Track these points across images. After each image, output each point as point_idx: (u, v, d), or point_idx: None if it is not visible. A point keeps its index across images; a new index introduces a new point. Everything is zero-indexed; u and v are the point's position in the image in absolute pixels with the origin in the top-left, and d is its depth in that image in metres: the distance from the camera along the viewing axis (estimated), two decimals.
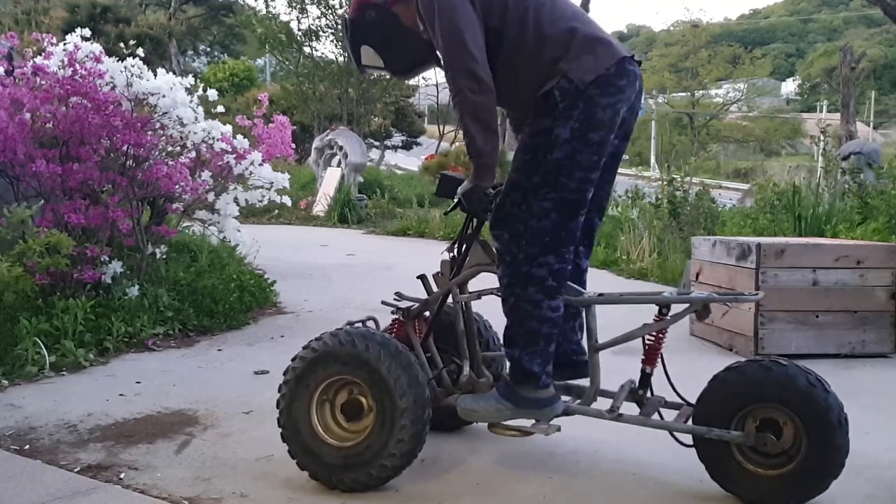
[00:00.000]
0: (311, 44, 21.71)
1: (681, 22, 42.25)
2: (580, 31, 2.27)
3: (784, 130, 41.05)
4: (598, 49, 2.25)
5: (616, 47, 2.30)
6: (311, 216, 12.75)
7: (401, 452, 2.34)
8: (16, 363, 3.61)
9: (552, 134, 2.23)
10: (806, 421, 2.27)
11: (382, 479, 2.38)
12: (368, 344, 2.38)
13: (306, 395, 2.43)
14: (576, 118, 2.22)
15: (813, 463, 2.27)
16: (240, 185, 5.29)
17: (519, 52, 2.28)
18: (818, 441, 2.26)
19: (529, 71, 2.28)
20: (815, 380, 2.29)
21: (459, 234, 2.59)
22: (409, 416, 2.32)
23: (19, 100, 4.21)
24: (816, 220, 6.40)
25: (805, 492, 2.31)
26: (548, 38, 2.26)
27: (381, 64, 2.49)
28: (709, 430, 2.32)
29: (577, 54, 2.23)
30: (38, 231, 3.95)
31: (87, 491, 2.38)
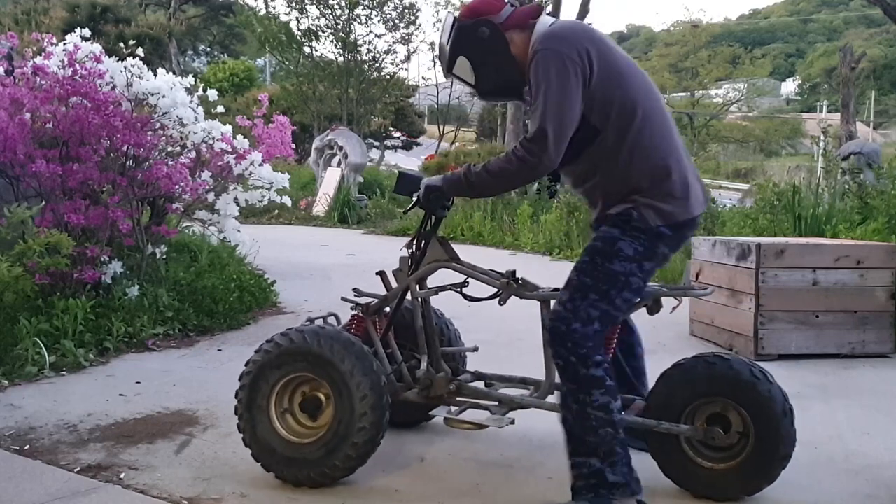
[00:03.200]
0: (310, 44, 21.72)
1: (681, 22, 42.23)
2: (673, 172, 2.24)
3: (784, 130, 41.04)
4: (682, 201, 2.24)
5: (693, 204, 2.26)
6: (311, 216, 12.75)
7: (363, 441, 2.36)
8: (16, 363, 3.61)
9: (616, 245, 2.23)
10: (751, 413, 2.30)
11: (348, 470, 2.40)
12: (320, 339, 2.39)
13: (263, 398, 2.45)
14: (641, 242, 2.23)
15: (760, 454, 2.30)
16: (240, 185, 5.29)
17: (608, 162, 2.25)
18: (763, 432, 2.29)
19: (612, 183, 2.27)
20: (759, 372, 2.33)
21: (417, 231, 2.61)
22: (368, 403, 2.34)
23: (19, 100, 4.21)
24: (816, 220, 6.40)
25: (754, 483, 2.35)
26: (641, 166, 2.23)
27: (471, 80, 2.42)
28: (658, 424, 2.35)
29: (663, 196, 2.22)
30: (38, 231, 3.95)
31: (87, 491, 2.38)
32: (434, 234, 2.59)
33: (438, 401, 2.61)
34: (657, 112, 2.26)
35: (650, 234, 2.22)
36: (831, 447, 2.87)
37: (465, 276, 2.56)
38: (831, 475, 2.62)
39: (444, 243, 2.60)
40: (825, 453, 2.81)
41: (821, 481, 2.56)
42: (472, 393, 2.61)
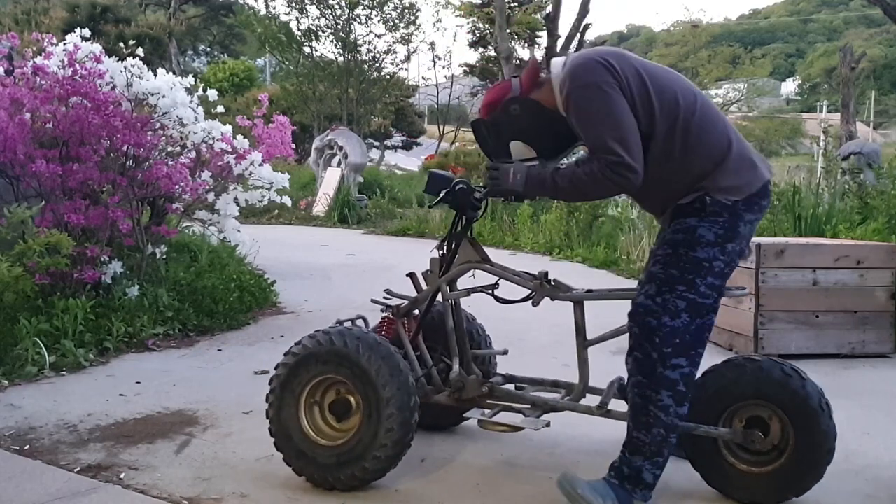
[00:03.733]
0: (310, 44, 21.73)
1: (681, 22, 42.16)
2: (733, 148, 2.26)
3: (784, 130, 41.02)
4: (749, 171, 2.25)
5: (762, 170, 2.29)
6: (311, 216, 12.75)
7: (392, 442, 2.34)
8: (16, 363, 3.61)
9: (696, 232, 2.23)
10: (788, 412, 2.28)
11: (379, 472, 2.38)
12: (346, 340, 2.39)
13: (293, 400, 2.44)
14: (721, 224, 2.23)
15: (803, 453, 2.28)
16: (240, 185, 5.29)
17: (667, 161, 2.25)
18: (804, 430, 2.27)
19: (676, 181, 2.27)
20: (791, 370, 2.31)
21: (448, 232, 2.62)
22: (395, 404, 2.32)
23: (19, 100, 4.21)
24: (816, 220, 6.40)
25: (800, 483, 2.32)
26: (698, 152, 2.24)
27: (533, 154, 2.41)
28: (696, 427, 2.33)
29: (729, 173, 2.23)
30: (38, 231, 3.95)
31: (87, 491, 2.38)
32: (465, 235, 2.59)
33: (471, 403, 2.59)
34: (696, 100, 2.28)
35: (728, 214, 2.22)
36: None
37: (496, 277, 2.54)
38: (831, 475, 2.61)
39: (475, 245, 2.60)
40: None
41: (821, 481, 2.56)
42: (505, 395, 2.59)
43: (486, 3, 25.21)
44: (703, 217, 2.23)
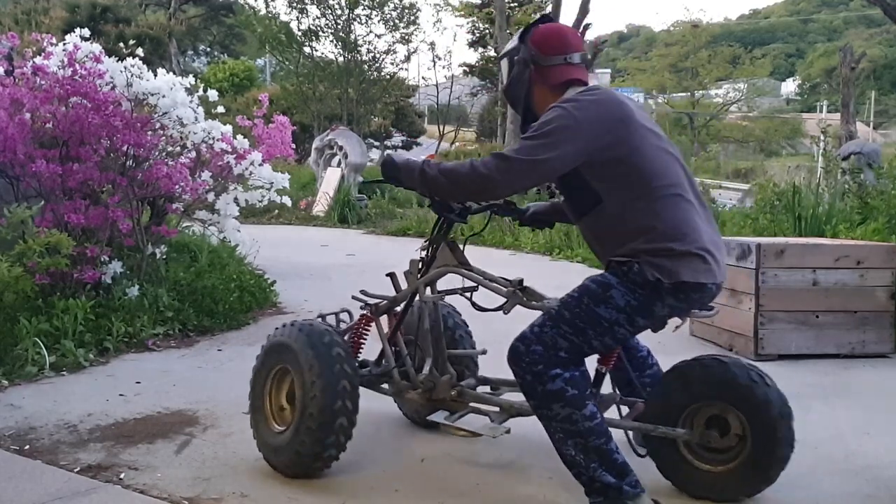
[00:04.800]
0: (311, 44, 21.74)
1: (681, 22, 42.18)
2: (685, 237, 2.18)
3: (784, 130, 41.03)
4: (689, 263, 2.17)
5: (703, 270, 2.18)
6: (311, 216, 12.75)
7: (315, 426, 2.38)
8: (16, 363, 3.61)
9: (608, 291, 2.19)
10: (749, 416, 2.29)
11: (308, 459, 2.43)
12: (291, 331, 2.51)
13: (261, 390, 2.61)
14: (637, 296, 2.18)
15: (758, 457, 2.30)
16: (240, 185, 5.29)
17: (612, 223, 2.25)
18: (761, 436, 2.28)
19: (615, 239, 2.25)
20: (757, 375, 2.31)
21: (430, 235, 2.65)
22: (318, 387, 2.37)
23: (19, 100, 4.21)
24: (816, 220, 6.40)
25: (752, 485, 2.35)
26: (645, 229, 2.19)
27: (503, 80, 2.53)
28: (655, 428, 2.35)
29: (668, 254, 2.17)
30: (38, 231, 3.95)
31: (87, 491, 2.38)
32: (444, 239, 2.61)
33: (441, 404, 2.62)
34: (673, 184, 2.23)
35: (648, 289, 2.17)
36: (831, 447, 2.87)
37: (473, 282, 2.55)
38: (831, 475, 2.62)
39: (455, 249, 2.61)
40: (825, 453, 2.81)
41: (821, 481, 2.56)
42: (475, 398, 2.60)
43: (486, 3, 25.22)
44: (623, 281, 2.19)
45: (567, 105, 2.23)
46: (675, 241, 2.16)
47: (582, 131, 2.18)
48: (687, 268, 2.16)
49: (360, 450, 2.76)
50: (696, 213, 2.24)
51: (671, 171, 2.25)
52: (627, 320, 2.19)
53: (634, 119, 2.24)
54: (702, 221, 2.24)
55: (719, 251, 2.26)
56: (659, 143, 2.27)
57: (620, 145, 2.20)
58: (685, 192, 2.24)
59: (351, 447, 2.77)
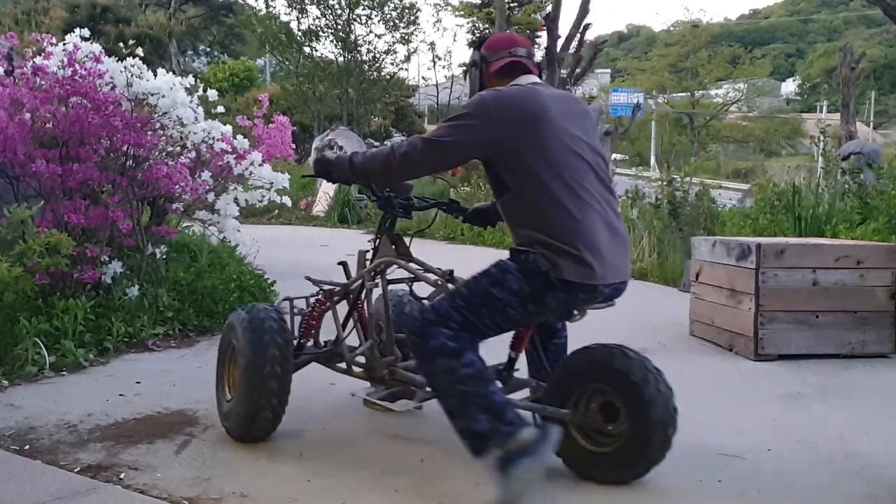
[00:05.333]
0: (311, 44, 21.74)
1: (681, 22, 42.15)
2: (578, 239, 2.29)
3: (784, 130, 41.03)
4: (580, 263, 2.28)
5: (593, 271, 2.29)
6: (311, 216, 12.75)
7: (237, 401, 2.74)
8: (16, 363, 3.61)
9: (506, 275, 2.34)
10: (626, 398, 2.40)
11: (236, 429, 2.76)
12: (239, 313, 2.84)
13: (223, 368, 2.95)
14: (530, 285, 2.31)
15: (635, 438, 2.39)
16: (240, 185, 5.29)
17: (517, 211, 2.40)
18: (637, 417, 2.38)
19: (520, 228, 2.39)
20: (633, 356, 2.43)
21: (378, 229, 2.93)
22: (243, 360, 2.70)
23: (19, 100, 4.21)
24: (816, 220, 6.41)
25: (633, 467, 2.45)
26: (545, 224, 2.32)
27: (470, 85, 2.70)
28: (543, 408, 2.51)
29: (561, 253, 2.28)
30: (38, 231, 3.95)
31: (87, 491, 2.38)
32: (387, 233, 2.88)
33: (380, 381, 2.86)
34: (571, 184, 2.33)
35: (540, 280, 2.29)
36: (831, 447, 2.87)
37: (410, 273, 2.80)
38: (831, 475, 2.62)
39: (398, 242, 2.86)
40: (825, 453, 2.81)
41: (821, 481, 2.57)
42: (404, 377, 2.77)
43: (486, 3, 25.21)
44: (521, 268, 2.33)
45: (485, 95, 2.42)
46: (563, 241, 2.29)
47: (490, 121, 2.35)
48: (571, 268, 2.28)
49: (360, 450, 2.76)
50: (591, 215, 2.34)
51: (573, 171, 2.35)
52: (519, 304, 2.33)
53: (548, 119, 2.35)
54: (596, 223, 2.34)
55: (610, 253, 2.34)
56: (570, 144, 2.37)
57: (524, 141, 2.33)
58: (584, 193, 2.35)
59: (351, 448, 2.77)
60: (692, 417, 3.21)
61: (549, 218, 2.31)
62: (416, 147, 2.45)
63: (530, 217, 2.34)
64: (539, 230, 2.31)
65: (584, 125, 2.45)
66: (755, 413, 3.30)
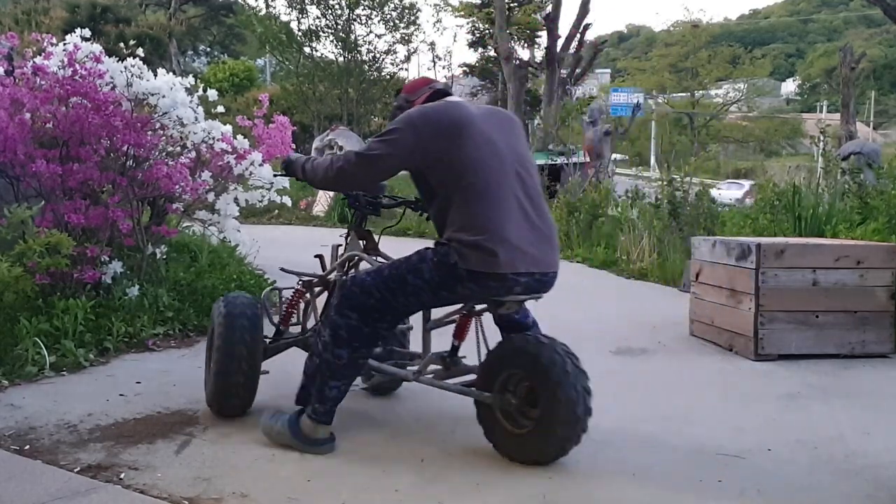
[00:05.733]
0: (311, 44, 21.74)
1: (681, 22, 42.22)
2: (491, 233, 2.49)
3: (784, 130, 41.07)
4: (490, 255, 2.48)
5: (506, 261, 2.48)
6: (311, 216, 12.76)
7: (214, 369, 2.98)
8: (16, 363, 3.60)
9: (421, 263, 2.60)
10: (537, 381, 2.55)
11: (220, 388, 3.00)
12: (220, 300, 3.10)
13: (208, 345, 3.18)
14: (440, 274, 2.56)
15: (545, 420, 2.53)
16: (240, 185, 5.29)
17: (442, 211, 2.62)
18: (545, 399, 2.52)
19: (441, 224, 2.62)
20: (545, 341, 2.59)
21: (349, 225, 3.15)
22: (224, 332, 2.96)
23: (19, 100, 4.21)
24: (816, 220, 6.40)
25: (544, 449, 2.57)
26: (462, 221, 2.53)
27: None
28: (470, 391, 2.71)
29: (472, 247, 2.49)
30: (39, 231, 3.95)
31: (87, 491, 2.38)
32: (355, 229, 3.12)
33: None
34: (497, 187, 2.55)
35: (448, 271, 2.53)
36: (831, 447, 2.87)
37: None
38: (831, 475, 2.62)
39: (366, 238, 3.11)
40: (825, 453, 2.81)
41: (821, 481, 2.57)
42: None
43: (486, 3, 25.22)
44: (437, 256, 2.57)
45: (412, 112, 2.68)
46: (472, 233, 2.50)
47: (416, 132, 2.59)
48: (477, 258, 2.49)
49: (360, 450, 2.76)
50: (505, 211, 2.54)
51: (492, 173, 2.56)
52: (431, 291, 2.60)
53: (470, 127, 2.58)
54: (509, 218, 2.53)
55: (524, 244, 2.53)
56: (490, 149, 2.58)
57: (448, 149, 2.56)
58: (501, 192, 2.55)
59: (351, 448, 2.77)
60: (692, 417, 3.22)
61: (467, 215, 2.53)
62: (350, 161, 2.71)
63: (453, 218, 2.55)
64: (457, 228, 2.53)
65: (508, 133, 2.68)
66: (755, 413, 3.30)
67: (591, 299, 6.18)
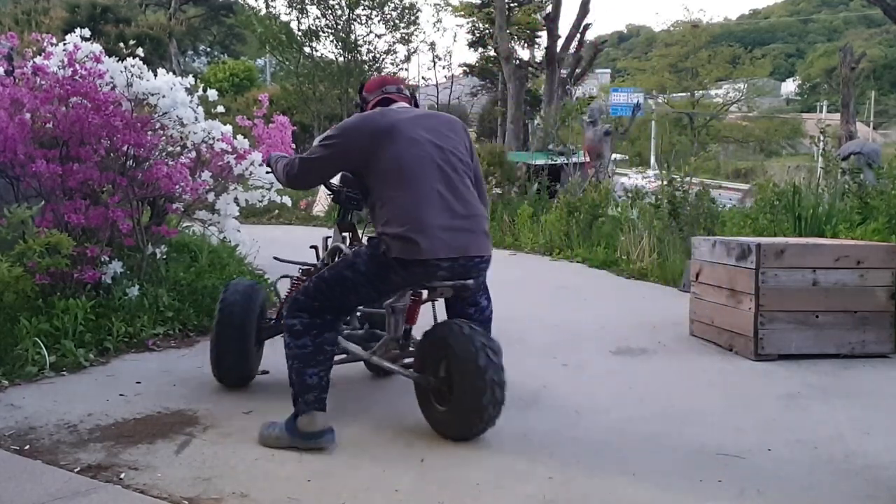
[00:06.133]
0: (311, 44, 21.73)
1: (681, 22, 42.14)
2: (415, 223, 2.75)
3: (784, 131, 41.03)
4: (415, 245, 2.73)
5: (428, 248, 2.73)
6: (311, 216, 12.76)
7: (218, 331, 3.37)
8: (16, 363, 3.60)
9: (356, 258, 2.88)
10: (452, 368, 2.78)
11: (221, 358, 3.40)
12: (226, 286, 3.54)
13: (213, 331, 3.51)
14: (373, 265, 2.82)
15: (455, 406, 2.79)
16: (240, 185, 5.29)
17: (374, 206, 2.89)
18: (455, 377, 2.77)
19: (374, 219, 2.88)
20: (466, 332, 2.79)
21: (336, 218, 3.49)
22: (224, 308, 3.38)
23: (19, 100, 4.21)
24: (816, 220, 6.40)
25: (459, 425, 2.82)
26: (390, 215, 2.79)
27: None
28: (406, 371, 3.00)
29: (398, 238, 2.75)
30: (39, 231, 3.95)
31: (87, 491, 2.38)
32: (339, 223, 3.51)
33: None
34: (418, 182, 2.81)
35: (381, 262, 2.79)
36: (831, 447, 2.87)
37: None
38: (831, 475, 2.62)
39: (351, 230, 3.47)
40: (825, 453, 2.81)
41: (821, 481, 2.57)
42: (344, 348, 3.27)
43: (486, 3, 25.21)
44: (370, 251, 2.83)
45: (348, 120, 3.01)
46: (396, 225, 2.76)
47: (348, 137, 2.92)
48: (401, 247, 2.74)
49: (361, 450, 2.76)
50: (427, 203, 2.79)
51: (415, 171, 2.83)
52: (368, 283, 2.85)
53: (395, 132, 2.86)
54: (430, 208, 2.78)
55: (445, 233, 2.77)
56: (416, 150, 2.85)
57: (374, 152, 2.85)
58: (424, 187, 2.81)
59: (351, 448, 2.78)
60: (692, 417, 3.22)
61: (392, 210, 2.79)
62: (294, 165, 3.10)
63: (381, 214, 2.81)
64: (384, 222, 2.79)
65: (437, 134, 2.93)
66: (755, 413, 3.30)
67: (591, 299, 6.18)
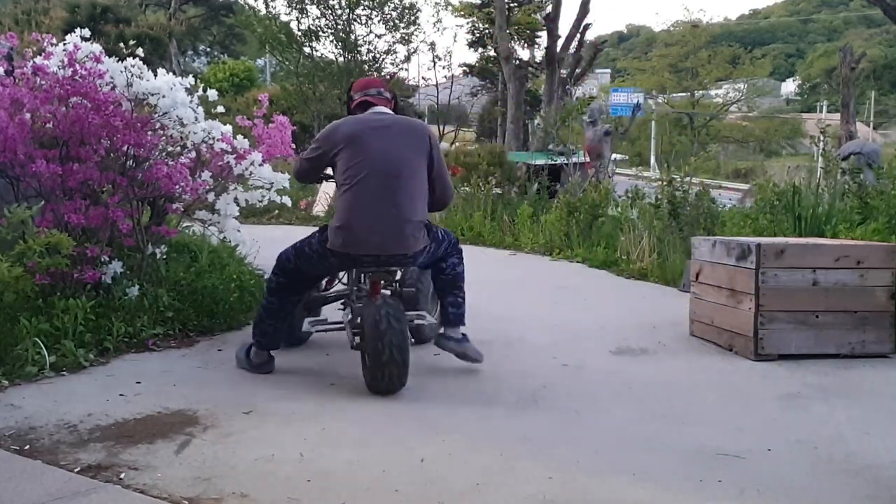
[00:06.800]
0: (311, 44, 21.74)
1: (681, 22, 42.17)
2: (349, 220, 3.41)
3: (784, 131, 41.06)
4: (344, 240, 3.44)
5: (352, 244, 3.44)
6: (311, 216, 12.74)
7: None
8: (16, 363, 3.60)
9: (312, 238, 3.65)
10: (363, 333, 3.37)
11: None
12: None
13: None
14: (320, 248, 3.57)
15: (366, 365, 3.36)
16: (240, 185, 5.27)
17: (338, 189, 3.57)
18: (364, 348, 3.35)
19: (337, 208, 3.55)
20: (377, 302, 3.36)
21: None
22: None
23: (19, 100, 4.21)
24: (816, 220, 6.40)
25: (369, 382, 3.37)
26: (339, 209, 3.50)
27: None
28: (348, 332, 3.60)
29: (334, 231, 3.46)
30: (39, 231, 3.95)
31: (87, 491, 2.38)
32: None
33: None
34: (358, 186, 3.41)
35: (321, 245, 3.56)
36: (831, 447, 2.87)
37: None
38: (831, 475, 2.62)
39: None
40: (825, 453, 2.81)
41: (821, 481, 2.57)
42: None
43: (486, 3, 25.22)
44: (321, 234, 3.59)
45: (328, 127, 3.68)
46: (335, 220, 3.48)
47: (326, 142, 3.59)
48: (333, 238, 3.46)
49: (360, 451, 2.77)
50: (362, 204, 3.39)
51: (361, 174, 3.40)
52: (317, 259, 3.61)
53: (356, 139, 3.48)
54: (363, 209, 3.39)
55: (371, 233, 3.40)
56: (367, 155, 3.42)
57: (337, 154, 3.51)
58: (365, 187, 3.39)
59: (351, 448, 2.78)
60: (692, 417, 3.22)
61: (338, 206, 3.49)
62: (299, 163, 3.83)
63: (335, 207, 3.50)
64: (333, 215, 3.50)
65: (394, 142, 3.48)
66: (755, 413, 3.30)
67: (591, 299, 6.18)
